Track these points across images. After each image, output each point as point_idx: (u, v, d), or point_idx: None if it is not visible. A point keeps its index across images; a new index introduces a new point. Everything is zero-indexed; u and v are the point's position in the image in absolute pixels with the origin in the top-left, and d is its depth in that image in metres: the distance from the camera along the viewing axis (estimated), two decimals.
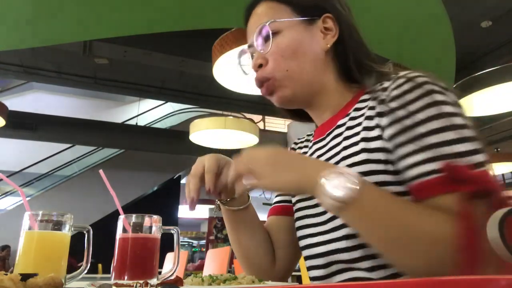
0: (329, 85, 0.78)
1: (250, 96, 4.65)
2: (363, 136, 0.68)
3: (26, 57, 5.73)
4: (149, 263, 0.77)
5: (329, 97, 0.78)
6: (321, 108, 0.80)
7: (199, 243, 13.76)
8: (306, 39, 0.76)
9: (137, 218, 0.79)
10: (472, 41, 4.99)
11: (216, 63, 3.09)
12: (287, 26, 0.76)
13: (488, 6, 4.55)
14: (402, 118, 0.61)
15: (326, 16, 0.77)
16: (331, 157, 0.75)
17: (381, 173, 0.64)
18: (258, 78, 0.78)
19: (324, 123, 0.81)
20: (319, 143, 0.82)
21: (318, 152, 0.81)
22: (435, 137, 0.58)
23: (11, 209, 8.87)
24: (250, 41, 0.81)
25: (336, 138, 0.76)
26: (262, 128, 10.05)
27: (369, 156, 0.66)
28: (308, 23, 0.76)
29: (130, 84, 6.61)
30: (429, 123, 0.59)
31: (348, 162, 0.69)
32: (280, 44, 0.75)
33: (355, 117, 0.73)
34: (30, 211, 0.73)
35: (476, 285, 0.21)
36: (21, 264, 0.68)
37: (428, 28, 2.26)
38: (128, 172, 8.92)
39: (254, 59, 0.79)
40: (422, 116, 0.59)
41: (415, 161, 0.59)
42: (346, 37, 0.76)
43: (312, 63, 0.76)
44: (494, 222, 0.39)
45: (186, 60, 5.96)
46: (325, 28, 0.77)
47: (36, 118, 7.86)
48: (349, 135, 0.72)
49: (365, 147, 0.67)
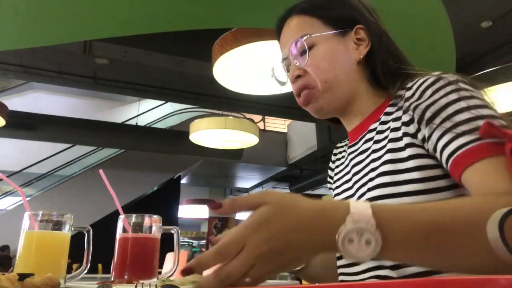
0: (362, 93, 0.80)
1: (250, 96, 4.65)
2: (390, 137, 0.70)
3: (26, 57, 5.72)
4: (149, 263, 0.77)
5: (361, 104, 0.80)
6: (353, 114, 0.82)
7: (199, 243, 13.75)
8: (341, 51, 0.78)
9: (137, 218, 0.79)
10: (472, 41, 4.99)
11: (216, 63, 3.09)
12: (322, 40, 0.78)
13: (488, 6, 4.55)
14: (428, 107, 0.63)
15: (358, 27, 0.79)
16: (361, 160, 0.77)
17: (408, 183, 0.64)
18: (297, 88, 0.80)
19: (356, 127, 0.83)
20: (352, 147, 0.84)
21: (351, 155, 0.83)
22: (465, 114, 0.59)
23: (11, 209, 8.86)
24: (284, 54, 0.84)
25: (368, 142, 0.78)
26: (262, 128, 10.04)
27: (393, 167, 0.67)
28: (341, 35, 0.78)
29: (130, 84, 6.60)
30: (454, 104, 0.60)
31: (375, 165, 0.71)
32: (317, 57, 0.77)
33: (386, 121, 0.75)
34: (30, 211, 0.72)
35: (476, 285, 0.21)
36: (21, 264, 0.68)
37: (428, 28, 2.26)
38: (128, 172, 8.91)
39: (292, 71, 0.80)
40: (446, 100, 0.61)
41: (450, 138, 0.59)
42: (378, 47, 0.78)
43: (348, 74, 0.77)
44: (494, 222, 0.39)
45: (186, 60, 5.95)
46: (357, 39, 0.78)
47: (36, 118, 7.86)
48: (379, 139, 0.74)
49: (391, 147, 0.69)
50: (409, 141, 0.67)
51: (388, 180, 0.66)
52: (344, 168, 0.86)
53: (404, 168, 0.66)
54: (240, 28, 2.78)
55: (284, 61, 0.85)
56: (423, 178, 0.64)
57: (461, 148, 0.57)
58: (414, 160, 0.65)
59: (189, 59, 5.91)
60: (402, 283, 0.23)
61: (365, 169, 0.75)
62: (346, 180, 0.83)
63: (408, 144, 0.67)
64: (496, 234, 0.38)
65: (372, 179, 0.70)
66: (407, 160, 0.66)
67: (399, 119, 0.70)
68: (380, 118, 0.76)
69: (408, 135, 0.67)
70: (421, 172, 0.64)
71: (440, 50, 2.39)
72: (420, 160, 0.65)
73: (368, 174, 0.73)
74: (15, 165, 8.88)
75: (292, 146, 9.93)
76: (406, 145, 0.67)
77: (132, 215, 0.80)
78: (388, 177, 0.67)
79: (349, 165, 0.82)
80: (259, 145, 6.55)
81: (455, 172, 0.58)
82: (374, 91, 0.80)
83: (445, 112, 0.61)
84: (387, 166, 0.68)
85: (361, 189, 0.74)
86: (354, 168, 0.80)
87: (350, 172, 0.81)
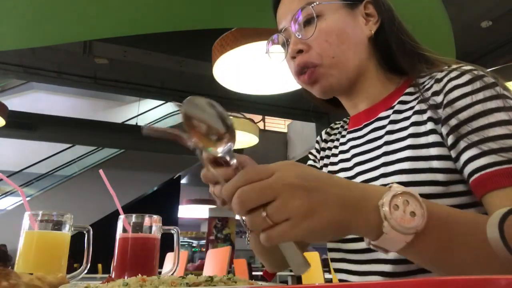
0: (371, 73, 0.73)
1: (250, 96, 4.64)
2: (411, 132, 0.64)
3: (26, 57, 5.72)
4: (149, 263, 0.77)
5: (369, 86, 0.73)
6: (359, 97, 0.75)
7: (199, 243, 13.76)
8: (350, 24, 0.70)
9: (137, 218, 0.79)
10: (472, 41, 4.99)
11: (216, 63, 3.08)
12: (330, 10, 0.70)
13: (488, 6, 4.55)
14: (461, 110, 0.57)
15: (367, 2, 0.72)
16: (368, 150, 0.71)
17: (428, 172, 0.60)
18: (300, 64, 0.70)
19: (361, 112, 0.76)
20: (354, 133, 0.77)
21: (352, 142, 0.76)
22: (499, 129, 0.54)
23: (11, 209, 8.86)
24: (283, 25, 0.73)
25: (377, 131, 0.71)
26: (262, 128, 10.04)
27: (415, 153, 0.62)
28: (350, 7, 0.71)
29: (130, 84, 6.60)
30: (490, 115, 0.55)
31: (390, 158, 0.65)
32: (324, 29, 0.68)
33: (401, 110, 0.68)
34: (30, 211, 0.72)
35: (476, 285, 0.21)
36: (21, 264, 0.68)
37: (428, 28, 2.26)
38: (128, 172, 8.91)
39: (293, 44, 0.70)
40: (482, 108, 0.56)
41: (477, 152, 0.54)
42: (390, 23, 0.71)
43: (357, 50, 0.70)
44: (494, 222, 0.39)
45: (186, 60, 5.95)
46: (366, 14, 0.72)
47: (36, 118, 7.85)
48: (393, 129, 0.67)
49: (412, 143, 0.63)
50: (432, 127, 0.61)
51: (409, 166, 0.61)
52: (339, 153, 0.80)
53: (427, 156, 0.60)
54: (240, 28, 2.77)
55: (283, 33, 0.74)
56: (445, 168, 0.59)
57: (486, 168, 0.53)
58: (437, 148, 0.60)
59: (189, 59, 5.91)
60: (402, 283, 0.23)
61: (375, 160, 0.68)
62: (344, 168, 0.76)
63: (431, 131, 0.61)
64: (496, 234, 0.38)
65: (390, 163, 0.64)
66: (429, 147, 0.61)
67: (424, 112, 0.63)
68: (394, 106, 0.70)
69: (436, 132, 0.61)
70: (443, 162, 0.59)
71: (440, 50, 2.39)
72: (444, 149, 0.60)
73: (379, 165, 0.67)
74: (15, 165, 8.88)
75: (292, 146, 9.93)
76: (429, 130, 0.62)
77: (132, 215, 0.80)
78: (409, 163, 0.61)
79: (350, 152, 0.76)
80: (259, 145, 6.55)
81: (477, 190, 0.55)
82: (385, 74, 0.74)
83: (477, 122, 0.55)
84: (408, 152, 0.62)
85: (369, 178, 0.68)
86: (357, 158, 0.73)
87: (350, 160, 0.75)
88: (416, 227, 0.42)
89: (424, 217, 0.43)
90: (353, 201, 0.43)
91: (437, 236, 0.45)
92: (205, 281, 0.53)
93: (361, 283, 0.24)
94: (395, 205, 0.42)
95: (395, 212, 0.42)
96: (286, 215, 0.40)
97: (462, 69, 0.61)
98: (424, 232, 0.43)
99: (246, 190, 0.40)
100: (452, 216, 0.48)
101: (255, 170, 0.42)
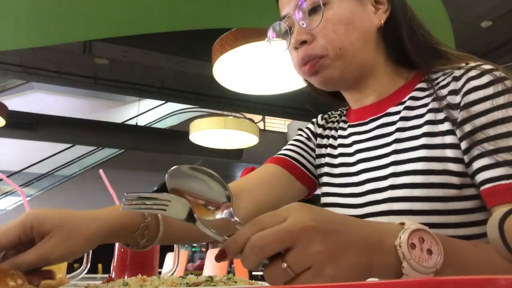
0: (379, 67, 0.68)
1: (250, 96, 4.65)
2: (426, 131, 0.60)
3: (26, 57, 5.72)
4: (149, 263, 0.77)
5: (377, 80, 0.69)
6: (365, 91, 0.70)
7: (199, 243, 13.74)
8: (359, 12, 0.65)
9: None
10: (472, 41, 4.98)
11: (216, 63, 3.08)
12: None
13: (488, 6, 4.55)
14: (479, 115, 0.54)
15: None
16: (375, 147, 0.67)
17: (442, 174, 0.57)
18: (304, 58, 0.66)
19: (367, 106, 0.71)
20: (357, 127, 0.72)
21: (355, 137, 0.72)
22: None
23: (11, 209, 8.86)
24: (286, 12, 0.68)
25: (385, 127, 0.67)
26: (262, 128, 10.04)
27: (429, 153, 0.59)
28: None
29: (130, 84, 6.60)
30: (508, 123, 0.52)
31: (401, 157, 0.62)
32: (331, 19, 0.63)
33: (413, 107, 0.64)
34: None
35: (476, 285, 0.21)
36: None
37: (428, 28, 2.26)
38: (128, 172, 8.91)
39: (296, 34, 0.65)
40: (502, 114, 0.53)
41: (490, 162, 0.52)
42: (400, 13, 0.67)
43: (365, 41, 0.65)
44: (494, 222, 0.39)
45: (186, 60, 5.95)
46: (375, 1, 0.67)
47: (36, 118, 7.85)
48: (404, 126, 0.64)
49: (426, 142, 0.59)
50: (450, 128, 0.58)
51: (422, 167, 0.58)
52: (339, 146, 0.76)
53: (443, 157, 0.58)
54: (240, 28, 2.77)
55: (286, 19, 0.68)
56: (460, 172, 0.57)
57: (499, 180, 0.51)
58: (454, 150, 0.57)
59: (189, 59, 5.91)
60: (402, 283, 0.23)
61: (384, 158, 0.65)
62: (345, 163, 0.73)
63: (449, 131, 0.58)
64: (496, 234, 0.38)
65: (401, 163, 0.61)
66: (445, 148, 0.58)
67: (439, 110, 0.60)
68: (404, 102, 0.66)
69: (453, 133, 0.59)
70: (459, 165, 0.57)
71: None
72: (460, 151, 0.57)
73: (388, 163, 0.63)
74: (15, 165, 8.87)
75: None
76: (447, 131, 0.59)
77: None
78: (423, 164, 0.58)
79: (352, 147, 0.72)
80: (259, 145, 6.55)
81: (487, 200, 0.54)
82: (394, 68, 0.70)
83: (494, 129, 0.53)
84: (423, 152, 0.59)
85: (376, 177, 0.65)
86: (361, 154, 0.69)
87: (353, 155, 0.71)
88: (435, 265, 0.41)
89: (441, 254, 0.41)
90: (372, 242, 0.41)
91: (454, 274, 0.44)
92: (205, 281, 0.53)
93: (361, 283, 0.24)
94: (412, 244, 0.41)
95: (413, 252, 0.40)
96: (307, 263, 0.37)
97: (482, 68, 0.58)
98: (441, 271, 0.42)
99: (263, 235, 0.38)
100: (468, 253, 0.46)
101: (267, 215, 0.40)
